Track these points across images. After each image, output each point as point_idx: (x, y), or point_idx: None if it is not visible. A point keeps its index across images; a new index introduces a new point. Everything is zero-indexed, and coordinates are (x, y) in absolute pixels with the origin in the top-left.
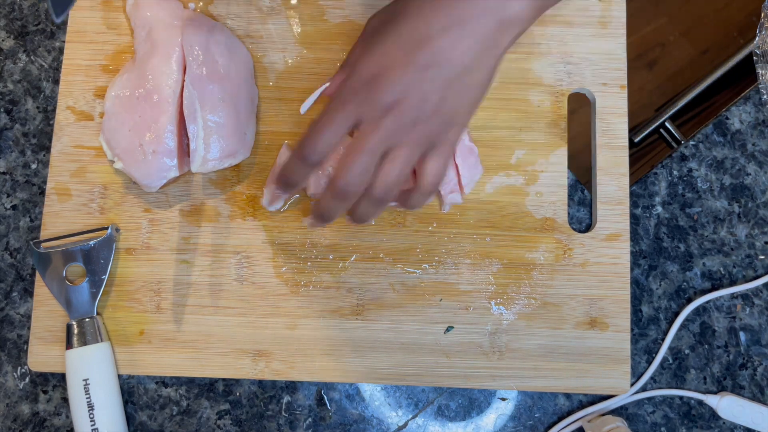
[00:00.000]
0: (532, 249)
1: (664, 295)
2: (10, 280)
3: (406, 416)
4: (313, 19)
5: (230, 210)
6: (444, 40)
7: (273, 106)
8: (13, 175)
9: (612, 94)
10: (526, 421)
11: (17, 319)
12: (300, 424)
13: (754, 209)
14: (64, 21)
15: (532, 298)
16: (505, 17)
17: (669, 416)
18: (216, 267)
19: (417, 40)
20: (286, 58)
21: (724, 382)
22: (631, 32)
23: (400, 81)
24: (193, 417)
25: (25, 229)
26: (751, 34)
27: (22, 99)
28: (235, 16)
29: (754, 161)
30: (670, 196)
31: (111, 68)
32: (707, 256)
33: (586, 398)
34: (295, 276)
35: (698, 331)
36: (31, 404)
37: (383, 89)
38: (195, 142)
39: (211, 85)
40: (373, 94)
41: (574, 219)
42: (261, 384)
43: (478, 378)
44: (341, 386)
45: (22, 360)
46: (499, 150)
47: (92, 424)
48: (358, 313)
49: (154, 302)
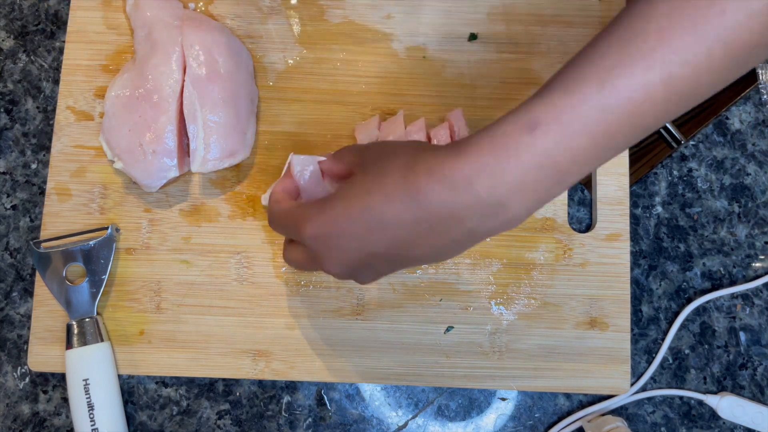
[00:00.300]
0: (532, 249)
1: (664, 295)
2: (10, 280)
3: (406, 416)
4: (313, 19)
5: (230, 210)
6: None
7: (273, 106)
8: (13, 175)
9: None
10: (526, 421)
11: (17, 319)
12: (300, 424)
13: (754, 209)
14: (64, 21)
15: (532, 298)
16: (479, 233)
17: (669, 416)
18: (216, 267)
19: (383, 226)
20: (286, 58)
21: (724, 382)
22: None
23: (349, 258)
24: (193, 417)
25: (25, 229)
26: None
27: (22, 99)
28: (235, 16)
29: (754, 161)
30: (670, 196)
31: (111, 68)
32: (707, 256)
33: (586, 398)
34: (295, 276)
35: (698, 331)
36: (31, 404)
37: (331, 258)
38: (195, 141)
39: (211, 85)
40: (323, 255)
41: (574, 219)
42: (261, 384)
43: (478, 378)
44: (341, 386)
45: (22, 360)
46: None
47: (92, 424)
48: (358, 313)
49: (154, 302)
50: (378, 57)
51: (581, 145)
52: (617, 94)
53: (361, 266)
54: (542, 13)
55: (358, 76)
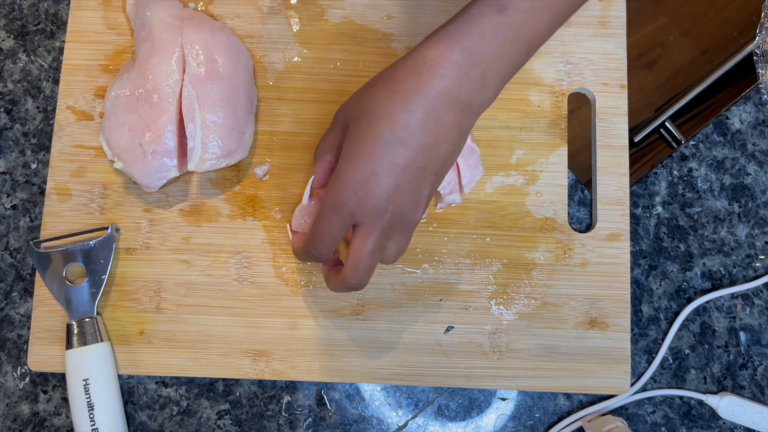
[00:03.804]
0: (532, 249)
1: (664, 295)
2: (10, 280)
3: (406, 416)
4: (313, 18)
5: (230, 210)
6: (425, 139)
7: (273, 106)
8: (13, 175)
9: (612, 94)
10: (526, 421)
11: (17, 319)
12: (300, 424)
13: (754, 209)
14: (64, 21)
15: (532, 298)
16: (474, 105)
17: (669, 416)
18: (216, 267)
19: (398, 142)
20: (286, 58)
21: (724, 382)
22: (631, 32)
23: (388, 185)
24: (193, 417)
25: (25, 229)
26: (751, 34)
27: (22, 99)
28: (235, 16)
29: (754, 161)
30: (670, 196)
31: (111, 68)
32: (707, 256)
33: (586, 398)
34: (295, 276)
35: (698, 331)
36: (31, 404)
37: (374, 196)
38: (193, 141)
39: (210, 85)
40: (365, 203)
41: (574, 219)
42: (261, 384)
43: (478, 378)
44: (341, 386)
45: (22, 360)
46: (499, 150)
47: (92, 424)
48: (358, 313)
49: (154, 302)
50: (378, 57)
51: (544, 21)
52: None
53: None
54: None
55: (358, 76)
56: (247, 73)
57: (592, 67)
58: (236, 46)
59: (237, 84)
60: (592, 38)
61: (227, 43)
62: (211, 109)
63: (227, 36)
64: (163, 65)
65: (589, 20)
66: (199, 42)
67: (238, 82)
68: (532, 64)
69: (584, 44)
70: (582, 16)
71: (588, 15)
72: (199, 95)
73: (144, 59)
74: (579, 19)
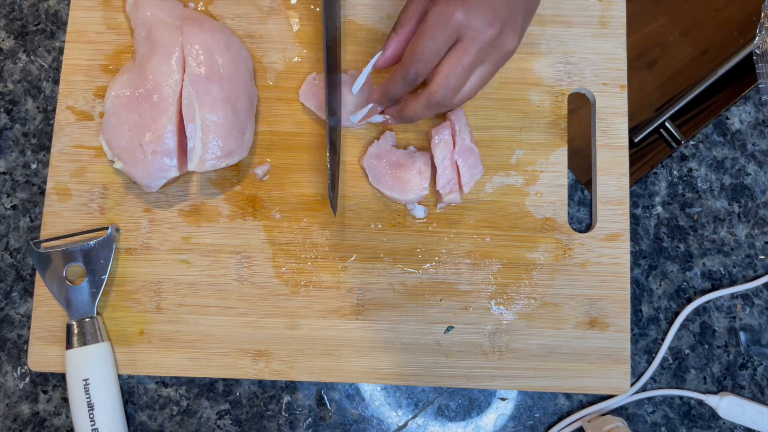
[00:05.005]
0: (532, 249)
1: (664, 295)
2: (10, 280)
3: (406, 416)
4: (313, 19)
5: (230, 210)
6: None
7: (273, 106)
8: (13, 175)
9: (612, 94)
10: (526, 421)
11: (17, 319)
12: (300, 424)
13: (754, 209)
14: (64, 21)
15: (532, 298)
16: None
17: (669, 416)
18: (216, 267)
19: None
20: (286, 58)
21: (724, 382)
22: (631, 32)
23: (496, 1)
24: (193, 417)
25: (25, 229)
26: (751, 34)
27: (22, 99)
28: (235, 16)
29: (754, 161)
30: (670, 196)
31: (111, 68)
32: (707, 256)
33: (586, 398)
34: (295, 276)
35: (698, 331)
36: (31, 404)
37: (483, 7)
38: (193, 141)
39: (210, 85)
40: (473, 15)
41: (574, 219)
42: (261, 384)
43: (478, 378)
44: (341, 386)
45: (22, 360)
46: (499, 150)
47: (92, 424)
48: (358, 313)
49: (154, 302)
50: None
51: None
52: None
53: (508, 14)
54: (542, 13)
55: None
56: (247, 73)
57: (592, 67)
58: (236, 46)
59: (237, 84)
60: (592, 38)
61: (227, 43)
62: (211, 109)
63: (227, 36)
64: (163, 65)
65: (589, 20)
66: (199, 42)
67: (238, 82)
68: (532, 64)
69: (584, 44)
70: (582, 16)
71: (588, 15)
72: (199, 95)
73: (144, 59)
74: (579, 19)
